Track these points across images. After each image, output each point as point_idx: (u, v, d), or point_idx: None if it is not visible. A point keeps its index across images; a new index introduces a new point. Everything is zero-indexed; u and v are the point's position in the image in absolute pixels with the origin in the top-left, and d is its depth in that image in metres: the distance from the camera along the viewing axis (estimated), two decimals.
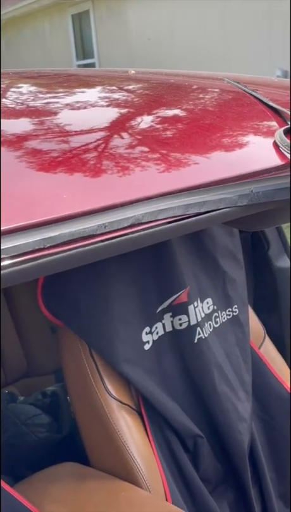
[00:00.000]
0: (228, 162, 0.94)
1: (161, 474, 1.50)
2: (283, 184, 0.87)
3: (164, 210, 0.79)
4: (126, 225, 0.76)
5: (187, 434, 1.59)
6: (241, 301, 1.78)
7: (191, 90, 1.26)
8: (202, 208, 0.82)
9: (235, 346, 1.74)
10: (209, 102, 1.19)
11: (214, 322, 1.69)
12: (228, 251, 1.75)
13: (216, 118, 1.08)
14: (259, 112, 1.12)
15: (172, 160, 0.90)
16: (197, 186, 0.84)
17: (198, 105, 1.15)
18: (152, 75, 1.39)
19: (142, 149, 0.92)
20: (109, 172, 0.83)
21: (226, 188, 0.85)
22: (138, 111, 1.07)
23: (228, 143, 0.99)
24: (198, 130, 1.01)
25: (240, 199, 0.84)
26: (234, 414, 1.66)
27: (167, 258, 1.57)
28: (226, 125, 1.05)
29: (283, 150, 0.97)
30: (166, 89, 1.24)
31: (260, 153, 0.99)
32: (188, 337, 1.60)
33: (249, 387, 1.74)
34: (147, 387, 1.53)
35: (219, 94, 1.25)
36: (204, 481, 1.62)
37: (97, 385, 1.48)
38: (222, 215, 0.84)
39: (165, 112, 1.09)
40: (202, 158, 0.92)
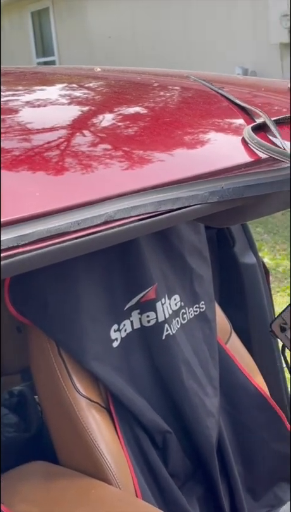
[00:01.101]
0: (199, 159, 0.95)
1: (131, 470, 1.51)
2: (252, 181, 0.88)
3: (137, 207, 0.80)
4: (99, 223, 0.76)
5: (156, 430, 1.59)
6: (208, 298, 1.79)
7: (159, 88, 1.27)
8: (174, 205, 0.83)
9: (202, 342, 1.76)
10: (177, 99, 1.19)
11: (182, 319, 1.70)
12: (194, 248, 1.77)
13: (184, 116, 1.09)
14: (226, 110, 1.13)
15: (144, 157, 0.90)
16: (169, 183, 0.85)
17: (166, 103, 1.16)
18: (119, 73, 1.40)
19: (114, 146, 0.92)
20: (81, 170, 0.83)
21: (197, 185, 0.86)
22: (109, 109, 1.07)
23: (198, 140, 1.00)
24: (168, 128, 1.02)
25: (211, 195, 0.85)
26: (202, 409, 1.67)
27: (135, 256, 1.57)
28: (195, 122, 1.06)
29: (252, 147, 0.98)
30: (134, 87, 1.24)
31: (229, 150, 1.00)
32: (156, 333, 1.61)
33: (216, 383, 1.76)
34: (115, 384, 1.53)
35: (186, 92, 1.26)
36: (173, 476, 1.63)
37: (65, 383, 1.48)
38: (194, 212, 0.85)
39: (134, 110, 1.09)
40: (173, 155, 0.93)
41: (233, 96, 1.17)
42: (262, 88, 1.37)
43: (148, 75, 1.38)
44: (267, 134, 1.03)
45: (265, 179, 0.89)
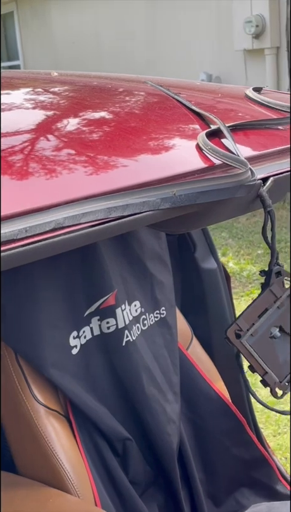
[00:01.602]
0: (151, 165, 0.94)
1: (90, 479, 1.50)
2: (205, 187, 0.88)
3: (87, 214, 0.79)
4: (47, 229, 0.75)
5: (116, 437, 1.58)
6: (169, 303, 1.79)
7: (114, 92, 1.26)
8: (125, 212, 0.82)
9: (163, 348, 1.75)
10: (132, 104, 1.19)
11: (142, 325, 1.70)
12: (155, 254, 1.76)
13: (138, 121, 1.08)
14: (181, 116, 1.12)
15: (95, 163, 0.89)
16: (120, 189, 0.84)
17: (121, 108, 1.15)
18: (75, 77, 1.38)
19: (64, 152, 0.91)
20: (29, 175, 0.82)
21: (149, 191, 0.85)
22: (62, 113, 1.05)
23: (151, 146, 0.99)
24: (120, 133, 1.01)
25: (162, 202, 0.84)
26: (162, 416, 1.67)
27: (95, 261, 1.56)
28: (149, 128, 1.05)
29: (206, 153, 0.98)
30: (89, 91, 1.23)
31: (183, 156, 0.99)
32: (116, 340, 1.60)
33: (177, 388, 1.75)
34: (74, 392, 1.51)
35: (142, 97, 1.25)
36: (133, 484, 1.62)
37: (23, 391, 1.46)
38: (146, 218, 0.84)
39: (87, 115, 1.08)
40: (125, 161, 0.92)
41: (189, 102, 1.17)
42: (219, 94, 1.37)
43: (105, 80, 1.38)
44: (222, 141, 1.03)
45: (218, 185, 0.89)
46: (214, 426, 1.82)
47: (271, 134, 1.13)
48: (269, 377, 1.07)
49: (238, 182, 0.90)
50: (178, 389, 1.76)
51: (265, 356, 1.05)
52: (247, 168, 0.92)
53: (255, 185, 0.95)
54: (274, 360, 1.07)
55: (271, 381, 1.07)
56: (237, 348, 1.03)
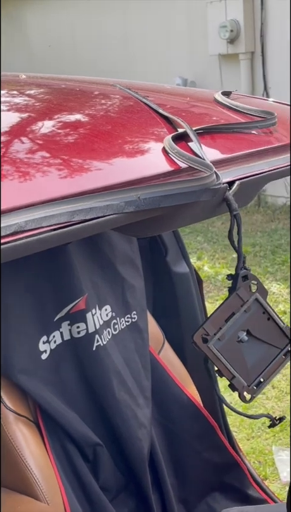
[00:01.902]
0: (116, 168, 0.93)
1: (60, 485, 1.48)
2: (169, 191, 0.87)
3: (49, 217, 0.78)
4: (8, 233, 0.74)
5: (86, 443, 1.57)
6: (140, 307, 1.78)
7: (82, 95, 1.25)
8: (88, 215, 0.81)
9: (134, 352, 1.74)
10: (99, 107, 1.18)
11: (113, 329, 1.69)
12: (126, 258, 1.76)
13: (105, 124, 1.07)
14: (148, 119, 1.12)
15: (59, 166, 0.88)
16: (84, 192, 0.83)
17: (87, 111, 1.14)
18: (43, 80, 1.37)
19: (28, 155, 0.90)
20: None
21: (113, 194, 0.84)
22: (26, 116, 1.04)
23: (117, 149, 0.99)
24: (86, 136, 1.00)
25: (126, 205, 0.84)
26: (133, 421, 1.66)
27: (64, 265, 1.55)
28: (115, 131, 1.05)
29: (172, 156, 0.98)
30: (56, 94, 1.23)
31: (149, 159, 0.99)
32: (87, 345, 1.59)
33: (148, 393, 1.75)
34: (44, 398, 1.50)
35: (110, 100, 1.25)
36: (104, 489, 1.60)
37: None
38: (110, 222, 0.83)
39: (53, 117, 1.07)
40: (89, 164, 0.91)
41: (156, 105, 1.17)
42: (187, 98, 1.37)
43: (74, 82, 1.37)
44: (189, 144, 1.03)
45: (182, 188, 0.88)
46: (186, 430, 1.81)
47: (238, 138, 1.13)
48: (237, 381, 1.07)
49: (202, 186, 0.89)
50: (149, 393, 1.75)
51: (232, 360, 1.05)
52: (212, 171, 0.92)
53: (221, 189, 0.95)
54: (242, 364, 1.07)
55: (239, 385, 1.07)
56: (204, 353, 1.03)
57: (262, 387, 1.09)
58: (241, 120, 1.22)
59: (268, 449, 2.95)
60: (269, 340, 1.09)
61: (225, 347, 1.04)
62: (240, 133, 1.15)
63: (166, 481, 1.74)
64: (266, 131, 1.20)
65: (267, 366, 1.10)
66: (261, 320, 1.08)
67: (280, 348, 1.11)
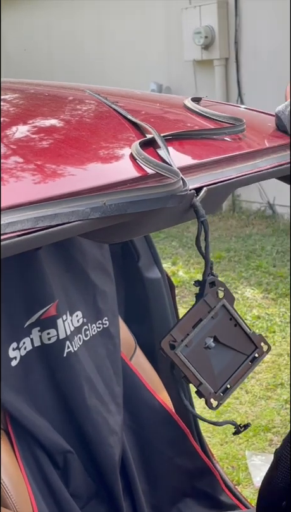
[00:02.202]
0: (83, 174, 0.93)
1: (29, 493, 1.47)
2: (135, 197, 0.87)
3: (13, 223, 0.77)
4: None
5: (56, 450, 1.56)
6: (112, 313, 1.78)
7: (51, 100, 1.24)
8: (53, 221, 0.80)
9: (105, 359, 1.74)
10: (68, 113, 1.17)
11: (84, 335, 1.68)
12: (97, 264, 1.75)
13: (73, 130, 1.07)
14: (117, 125, 1.11)
15: (24, 172, 0.88)
16: (49, 198, 0.82)
17: (56, 116, 1.14)
18: (13, 85, 1.37)
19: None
20: None
21: (78, 201, 0.84)
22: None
23: (84, 155, 0.98)
24: (53, 141, 0.99)
25: (92, 211, 0.83)
26: (104, 427, 1.65)
27: (35, 272, 1.54)
28: (83, 137, 1.04)
29: (140, 163, 0.97)
30: (24, 99, 1.22)
31: (116, 165, 0.99)
32: (57, 351, 1.58)
33: (120, 399, 1.74)
34: (14, 405, 1.49)
35: (79, 105, 1.24)
36: (74, 497, 1.59)
37: None
38: (75, 228, 0.83)
39: (20, 122, 1.06)
40: (55, 170, 0.91)
41: (126, 111, 1.16)
42: (157, 104, 1.37)
43: (44, 87, 1.36)
44: (157, 150, 1.03)
45: (148, 195, 0.88)
46: (157, 436, 1.81)
47: (206, 145, 1.13)
48: (204, 388, 1.06)
49: (168, 192, 0.89)
50: (120, 399, 1.75)
51: (200, 366, 1.05)
52: (179, 178, 0.92)
53: (188, 195, 0.95)
54: (209, 371, 1.07)
55: (206, 392, 1.07)
56: (171, 359, 1.03)
57: (228, 394, 1.09)
58: (210, 126, 1.22)
59: (241, 454, 2.96)
60: (235, 346, 1.09)
61: (192, 354, 1.04)
62: (209, 139, 1.15)
63: (137, 487, 1.74)
64: (235, 137, 1.20)
65: (234, 372, 1.10)
66: (228, 326, 1.08)
67: (247, 354, 1.11)
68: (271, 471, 1.24)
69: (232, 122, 1.22)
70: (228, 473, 2.84)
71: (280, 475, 1.21)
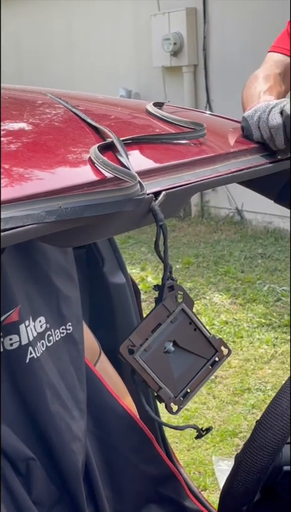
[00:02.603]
0: (40, 177, 0.92)
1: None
2: (93, 201, 0.87)
3: None
4: None
5: (18, 457, 1.54)
6: (76, 319, 1.76)
7: (11, 103, 1.24)
8: (7, 224, 0.80)
9: (69, 364, 1.72)
10: (28, 116, 1.17)
11: (47, 341, 1.66)
12: (61, 269, 1.74)
13: (32, 133, 1.06)
14: (77, 129, 1.11)
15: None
16: (4, 202, 0.82)
17: (15, 119, 1.13)
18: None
19: None
20: None
21: (34, 204, 0.83)
22: None
23: (42, 158, 0.97)
24: (11, 144, 0.99)
25: (48, 215, 0.83)
26: (68, 433, 1.64)
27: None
28: (41, 140, 1.04)
29: (98, 166, 0.97)
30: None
31: (74, 169, 0.98)
32: (19, 357, 1.56)
33: (84, 405, 1.73)
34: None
35: (40, 109, 1.23)
36: (37, 504, 1.58)
37: None
38: (30, 232, 0.82)
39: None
40: (12, 173, 0.90)
41: (86, 115, 1.16)
42: (119, 108, 1.37)
43: (5, 91, 1.35)
44: (116, 154, 1.02)
45: (105, 198, 0.88)
46: (121, 442, 1.80)
47: (166, 149, 1.13)
48: (163, 393, 1.06)
49: (125, 196, 0.89)
50: (84, 405, 1.73)
51: (159, 371, 1.04)
52: (136, 181, 0.92)
53: (146, 199, 0.95)
54: (169, 375, 1.06)
55: (166, 396, 1.07)
56: (130, 364, 1.02)
57: (189, 398, 1.09)
58: (171, 131, 1.23)
59: (208, 460, 2.96)
60: (195, 350, 1.09)
61: (152, 359, 1.03)
62: (169, 143, 1.15)
63: (101, 493, 1.72)
64: (196, 142, 1.21)
65: (194, 376, 1.10)
66: (188, 330, 1.08)
67: (207, 358, 1.11)
68: (232, 475, 1.24)
69: (193, 127, 1.23)
70: (195, 478, 2.84)
71: (241, 480, 1.21)
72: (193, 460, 2.96)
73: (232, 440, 3.08)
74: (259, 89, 1.60)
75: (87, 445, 1.72)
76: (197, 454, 3.00)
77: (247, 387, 3.53)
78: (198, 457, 2.97)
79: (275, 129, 1.29)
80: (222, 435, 3.11)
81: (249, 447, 1.22)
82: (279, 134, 1.29)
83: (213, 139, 1.30)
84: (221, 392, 3.50)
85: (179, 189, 1.04)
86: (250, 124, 1.35)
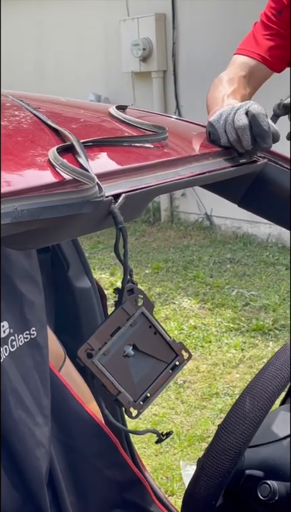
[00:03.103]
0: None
1: None
2: (50, 202, 0.86)
3: None
4: None
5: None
6: (40, 324, 1.75)
7: None
8: None
9: (32, 370, 1.70)
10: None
11: (10, 346, 1.64)
12: (25, 273, 1.72)
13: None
14: (37, 131, 1.10)
15: None
16: None
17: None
18: None
19: None
20: None
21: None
22: None
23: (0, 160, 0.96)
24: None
25: (3, 217, 0.82)
26: (31, 440, 1.62)
27: None
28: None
29: (57, 168, 0.96)
30: None
31: (32, 171, 0.97)
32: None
33: (48, 411, 1.71)
34: None
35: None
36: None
37: None
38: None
39: None
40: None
41: (46, 117, 1.15)
42: (81, 111, 1.36)
43: None
44: (76, 157, 1.01)
45: (62, 200, 0.87)
46: (86, 448, 1.78)
47: (127, 152, 1.13)
48: (123, 397, 1.05)
49: (83, 198, 0.88)
50: (48, 411, 1.71)
51: (118, 375, 1.03)
52: (94, 184, 0.91)
53: (105, 202, 0.94)
54: (129, 379, 1.05)
55: (125, 401, 1.06)
56: (89, 368, 1.01)
57: (148, 402, 1.08)
58: (133, 134, 1.22)
59: (176, 464, 2.96)
60: (155, 354, 1.09)
61: (111, 363, 1.02)
62: (130, 146, 1.15)
63: (65, 500, 1.71)
64: (158, 145, 1.20)
65: (154, 380, 1.09)
66: (147, 334, 1.07)
67: (167, 362, 1.10)
68: (194, 480, 1.23)
69: (155, 130, 1.22)
70: (163, 483, 2.83)
71: (203, 484, 1.21)
72: (160, 465, 2.96)
73: (200, 445, 3.08)
74: (224, 92, 1.60)
75: (51, 451, 1.70)
76: (165, 459, 3.00)
77: (215, 391, 3.53)
78: (166, 463, 2.97)
79: (242, 129, 1.29)
80: (190, 440, 3.11)
81: (211, 451, 1.21)
82: (246, 135, 1.29)
83: (176, 142, 1.29)
84: (189, 397, 3.50)
85: (139, 192, 1.03)
86: (216, 129, 1.34)
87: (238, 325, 4.25)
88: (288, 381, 1.29)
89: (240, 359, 3.85)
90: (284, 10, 2.03)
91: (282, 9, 2.03)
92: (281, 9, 2.03)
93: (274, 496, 1.24)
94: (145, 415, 3.32)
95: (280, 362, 1.31)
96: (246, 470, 1.29)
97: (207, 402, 3.45)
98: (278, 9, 2.04)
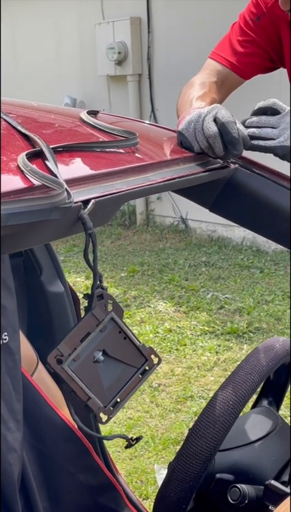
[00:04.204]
0: None
1: None
2: (18, 209, 0.86)
3: None
4: None
5: None
6: (12, 329, 1.74)
7: None
8: None
9: (4, 375, 1.69)
10: None
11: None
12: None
13: None
14: (6, 136, 1.10)
15: None
16: None
17: None
18: None
19: None
20: None
21: None
22: None
23: None
24: None
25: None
26: (3, 445, 1.61)
27: None
28: None
29: (26, 174, 0.96)
30: None
31: (1, 176, 0.97)
32: None
33: (20, 416, 1.70)
34: None
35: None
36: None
37: None
38: None
39: None
40: None
41: (16, 122, 1.15)
42: (52, 116, 1.36)
43: None
44: (46, 162, 1.01)
45: (30, 206, 0.87)
46: (59, 452, 1.78)
47: (98, 157, 1.13)
48: (92, 403, 1.05)
49: (52, 204, 0.88)
50: (20, 416, 1.71)
51: (88, 381, 1.03)
52: (63, 189, 0.91)
53: (74, 207, 0.94)
54: (98, 385, 1.05)
55: (95, 406, 1.06)
56: (58, 374, 1.01)
57: (118, 408, 1.08)
58: (104, 139, 1.22)
59: (150, 468, 2.96)
60: (125, 359, 1.09)
61: (80, 368, 1.02)
62: (101, 152, 1.15)
63: (38, 505, 1.70)
64: (129, 150, 1.21)
65: (124, 385, 1.09)
66: (117, 339, 1.07)
67: (137, 367, 1.11)
68: (165, 484, 1.24)
69: (126, 135, 1.23)
70: (137, 487, 2.83)
71: (174, 488, 1.21)
72: (135, 469, 2.96)
73: (174, 448, 3.08)
74: (192, 96, 1.61)
75: (24, 456, 1.69)
76: (139, 462, 3.00)
77: (190, 394, 3.54)
78: (140, 466, 2.97)
79: (212, 138, 1.30)
80: (165, 443, 3.11)
81: (182, 455, 1.22)
82: (217, 142, 1.30)
83: (147, 148, 1.30)
84: (164, 400, 3.50)
85: (109, 198, 1.03)
86: (187, 137, 1.35)
87: (213, 328, 4.27)
88: (258, 385, 1.30)
89: (215, 362, 3.87)
90: (263, 17, 2.02)
91: (261, 16, 2.03)
92: (260, 16, 2.03)
93: (244, 500, 1.25)
94: (120, 419, 3.32)
95: (250, 366, 1.32)
96: (216, 474, 1.30)
97: (181, 405, 3.46)
98: (257, 14, 2.03)
